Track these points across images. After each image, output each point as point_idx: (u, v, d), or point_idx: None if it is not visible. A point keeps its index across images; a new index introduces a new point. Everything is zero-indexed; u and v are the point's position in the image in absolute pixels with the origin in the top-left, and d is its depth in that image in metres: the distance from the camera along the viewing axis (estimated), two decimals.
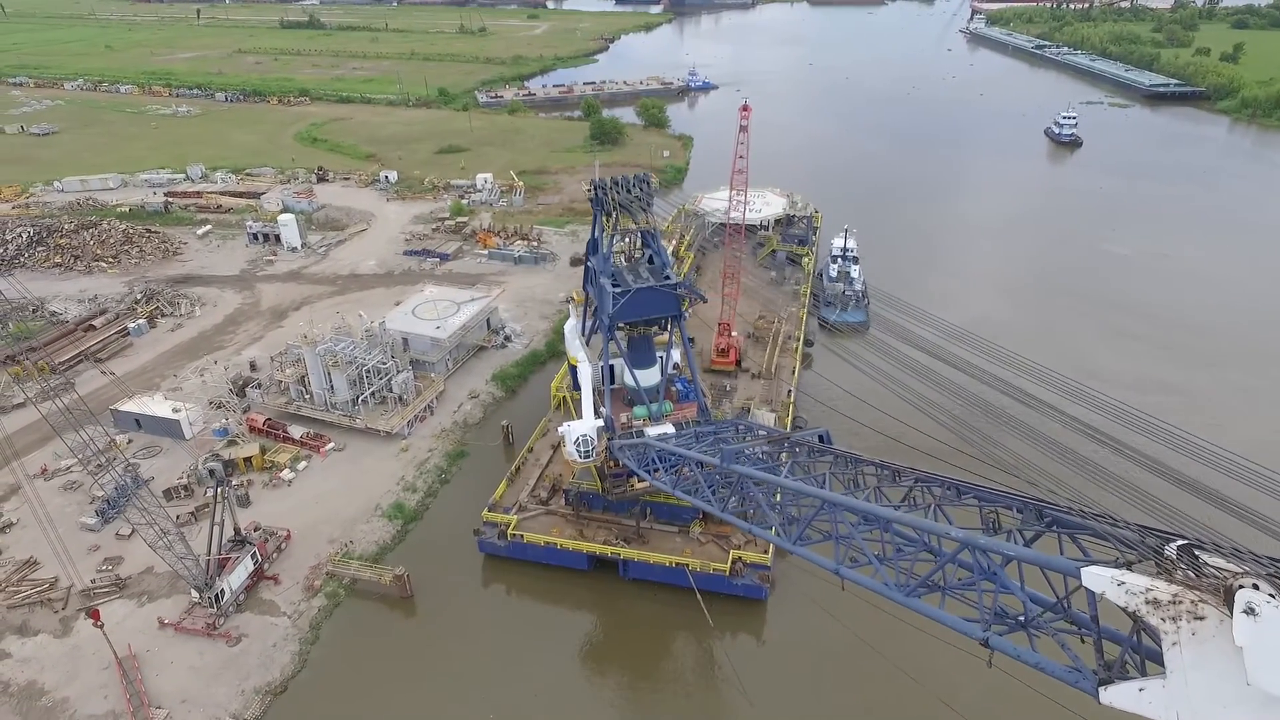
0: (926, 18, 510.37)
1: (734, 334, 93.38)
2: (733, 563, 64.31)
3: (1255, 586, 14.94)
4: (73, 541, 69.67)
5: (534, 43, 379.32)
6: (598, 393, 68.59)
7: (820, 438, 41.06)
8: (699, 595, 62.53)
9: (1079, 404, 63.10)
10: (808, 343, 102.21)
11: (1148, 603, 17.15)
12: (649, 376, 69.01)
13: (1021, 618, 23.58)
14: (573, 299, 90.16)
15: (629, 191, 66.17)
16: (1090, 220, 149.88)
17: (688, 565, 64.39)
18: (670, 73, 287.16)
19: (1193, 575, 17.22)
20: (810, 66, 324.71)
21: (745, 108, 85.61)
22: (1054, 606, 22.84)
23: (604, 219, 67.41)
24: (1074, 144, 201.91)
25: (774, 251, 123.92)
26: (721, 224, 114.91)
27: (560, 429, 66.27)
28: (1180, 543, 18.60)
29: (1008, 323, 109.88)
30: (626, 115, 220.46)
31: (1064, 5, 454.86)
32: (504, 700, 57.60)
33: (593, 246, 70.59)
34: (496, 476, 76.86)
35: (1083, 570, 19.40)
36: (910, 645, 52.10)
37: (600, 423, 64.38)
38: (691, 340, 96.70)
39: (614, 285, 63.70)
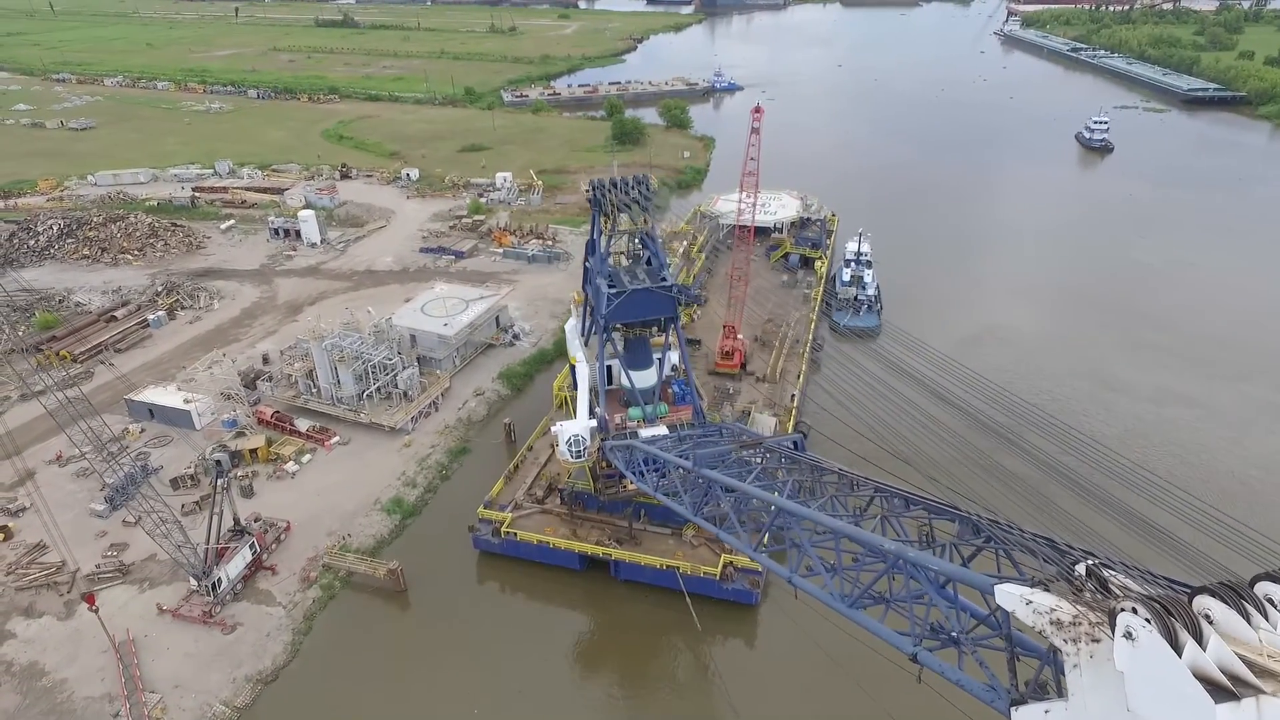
0: (961, 20, 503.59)
1: (739, 337, 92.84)
2: (723, 567, 63.98)
3: (1135, 610, 14.49)
4: (82, 527, 72.07)
5: (563, 42, 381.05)
6: (594, 393, 68.67)
7: (795, 444, 40.75)
8: (688, 598, 62.27)
9: (1060, 446, 62.03)
10: (816, 347, 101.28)
11: (1052, 623, 16.70)
12: (645, 378, 68.79)
13: (955, 633, 23.14)
14: (574, 299, 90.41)
15: (627, 192, 66.10)
16: (1117, 228, 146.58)
17: (678, 568, 64.23)
18: (699, 73, 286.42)
19: (1098, 596, 16.73)
20: (839, 68, 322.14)
21: (758, 110, 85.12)
22: (987, 620, 22.38)
23: (602, 220, 67.49)
24: (1105, 149, 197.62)
25: (787, 254, 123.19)
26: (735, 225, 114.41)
27: (553, 428, 66.52)
28: (1089, 562, 18.12)
29: (1026, 330, 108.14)
30: (650, 116, 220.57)
31: (1103, 7, 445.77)
32: (490, 697, 57.90)
33: (591, 247, 70.68)
34: (497, 474, 77.30)
35: (996, 588, 18.95)
36: (896, 664, 50.67)
37: (593, 423, 64.40)
38: (698, 343, 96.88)
39: (610, 286, 63.70)
